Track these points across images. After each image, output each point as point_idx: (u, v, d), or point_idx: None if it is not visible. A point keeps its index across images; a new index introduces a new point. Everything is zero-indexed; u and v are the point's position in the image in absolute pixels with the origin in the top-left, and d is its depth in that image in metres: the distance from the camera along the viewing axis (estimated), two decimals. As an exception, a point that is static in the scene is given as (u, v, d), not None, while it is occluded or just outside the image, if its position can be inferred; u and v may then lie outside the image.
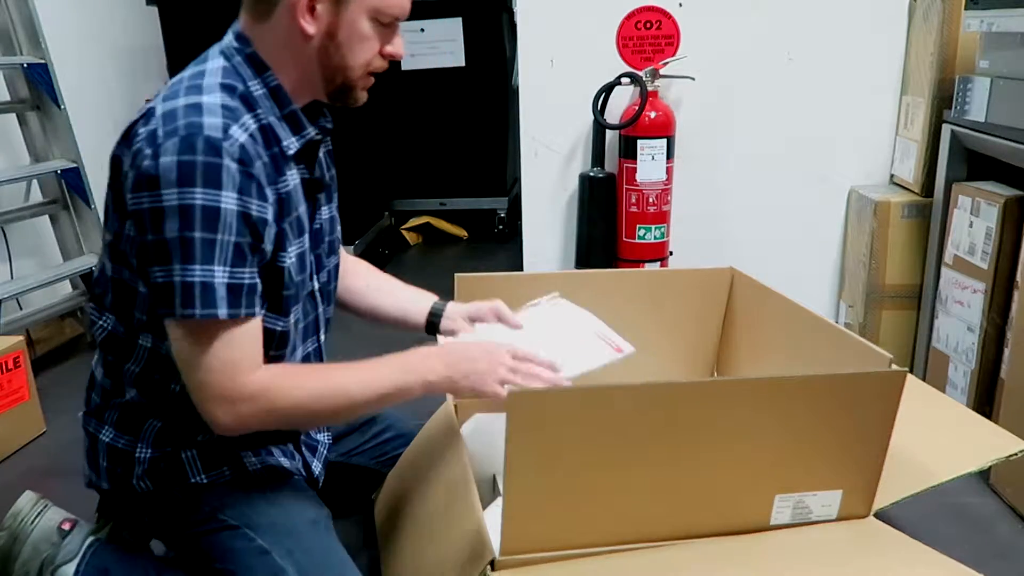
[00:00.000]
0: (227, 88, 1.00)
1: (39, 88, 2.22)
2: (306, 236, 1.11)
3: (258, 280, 0.99)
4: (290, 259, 1.05)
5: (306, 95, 1.08)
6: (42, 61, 2.19)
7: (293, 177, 1.07)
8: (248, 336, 0.98)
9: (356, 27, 1.02)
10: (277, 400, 0.99)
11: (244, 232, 0.96)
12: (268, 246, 1.00)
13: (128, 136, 0.98)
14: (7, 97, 2.27)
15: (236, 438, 1.11)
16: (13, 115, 2.28)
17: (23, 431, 1.83)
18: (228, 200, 0.93)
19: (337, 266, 1.25)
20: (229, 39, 1.05)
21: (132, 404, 1.10)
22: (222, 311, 0.94)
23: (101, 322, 1.09)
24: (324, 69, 1.04)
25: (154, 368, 1.06)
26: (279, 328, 1.07)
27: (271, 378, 1.00)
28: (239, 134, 0.95)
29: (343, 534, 1.17)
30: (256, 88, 1.03)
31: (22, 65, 2.19)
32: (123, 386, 1.10)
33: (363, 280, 1.35)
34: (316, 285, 1.16)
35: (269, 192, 0.99)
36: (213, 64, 1.03)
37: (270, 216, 0.99)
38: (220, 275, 0.94)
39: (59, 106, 2.24)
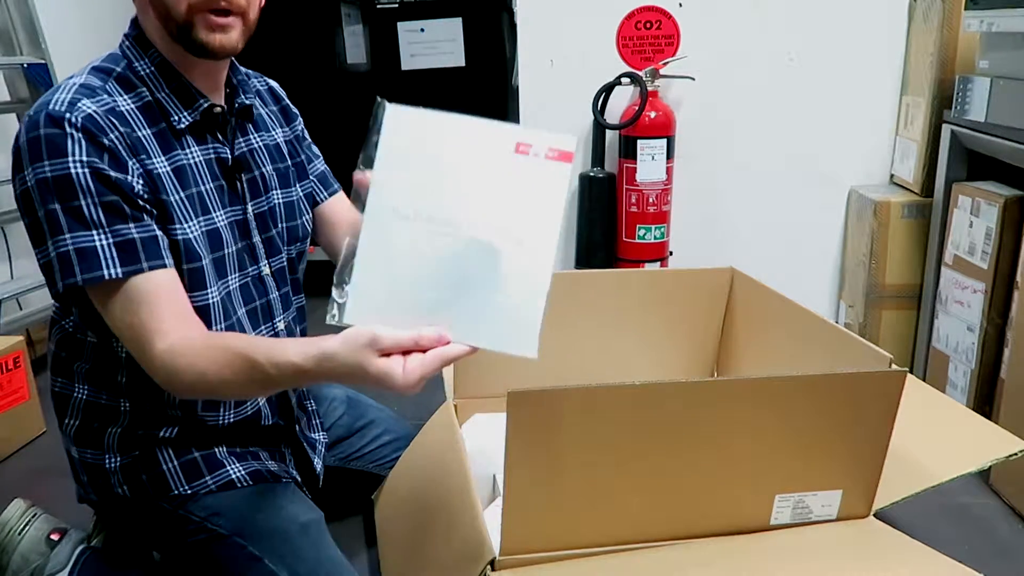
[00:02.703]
0: (100, 70, 1.01)
1: (39, 88, 2.22)
2: (221, 214, 1.08)
3: (156, 231, 0.97)
4: (191, 232, 1.02)
5: (191, 62, 1.03)
6: (42, 61, 2.19)
7: (193, 154, 1.05)
8: (152, 294, 0.94)
9: None
10: (184, 374, 0.92)
11: (108, 192, 0.93)
12: (147, 199, 0.97)
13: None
14: (7, 97, 2.27)
15: (220, 445, 1.11)
16: (13, 115, 2.27)
17: (23, 431, 1.83)
18: (76, 165, 0.92)
19: (302, 253, 1.24)
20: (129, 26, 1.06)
21: (86, 411, 1.09)
22: (112, 271, 0.93)
23: (63, 322, 1.09)
24: (160, 19, 1.00)
25: (101, 362, 1.06)
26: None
27: (179, 350, 0.92)
28: (87, 106, 0.94)
29: (343, 534, 1.17)
30: (143, 67, 1.02)
31: (22, 65, 2.19)
32: (73, 384, 1.10)
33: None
34: (267, 269, 1.15)
35: (133, 164, 0.96)
36: (108, 52, 1.04)
37: (136, 184, 0.95)
38: (101, 238, 0.93)
39: (59, 106, 2.23)
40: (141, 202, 0.96)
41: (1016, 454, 1.09)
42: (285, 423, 1.20)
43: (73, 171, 0.92)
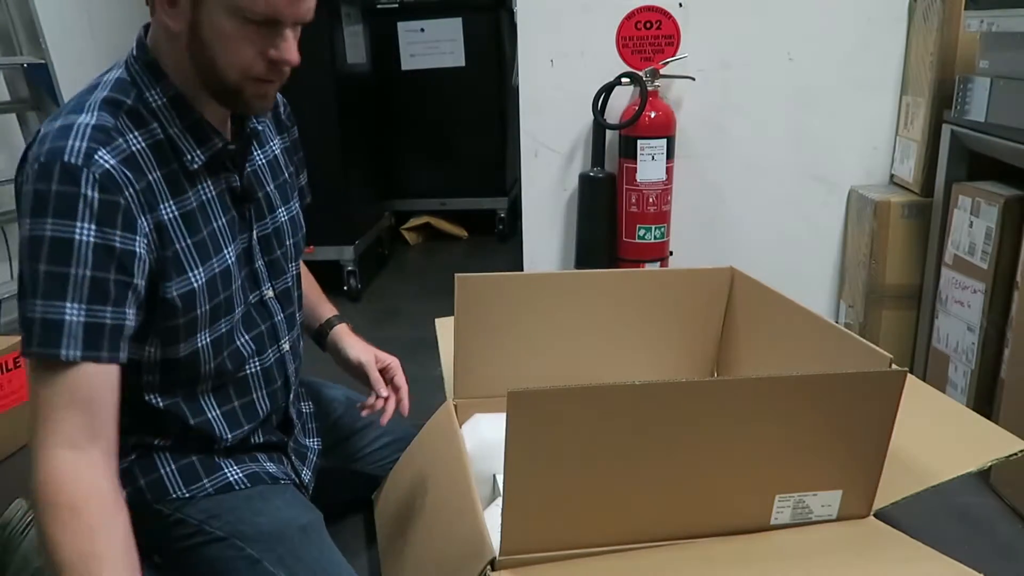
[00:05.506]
0: (111, 104, 0.94)
1: (39, 88, 2.22)
2: (231, 249, 1.06)
3: (127, 322, 0.91)
4: (196, 282, 0.99)
5: (207, 98, 1.00)
6: (42, 61, 2.19)
7: (204, 191, 1.02)
8: (94, 392, 0.88)
9: (217, 25, 0.90)
10: (44, 498, 0.86)
11: (105, 266, 0.88)
12: (140, 280, 0.92)
13: (21, 161, 0.94)
14: (7, 97, 2.27)
15: (214, 445, 1.11)
16: (13, 115, 2.27)
17: (23, 431, 1.83)
18: (83, 231, 0.87)
19: (299, 272, 1.23)
20: (133, 44, 0.99)
21: None
22: (71, 351, 0.86)
23: None
24: (198, 70, 0.95)
25: None
26: (178, 356, 1.03)
27: (67, 476, 0.86)
28: (105, 159, 0.89)
29: (343, 534, 1.17)
30: (155, 98, 0.96)
31: (22, 65, 2.19)
32: None
33: None
34: (270, 293, 1.14)
35: (144, 222, 0.92)
36: (111, 75, 0.97)
37: (141, 248, 0.92)
38: (73, 312, 0.86)
39: (59, 106, 2.23)
40: (135, 279, 0.91)
41: (1016, 454, 1.09)
42: (278, 440, 1.20)
43: (77, 237, 0.86)
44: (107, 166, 0.89)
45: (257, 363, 1.13)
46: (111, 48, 2.75)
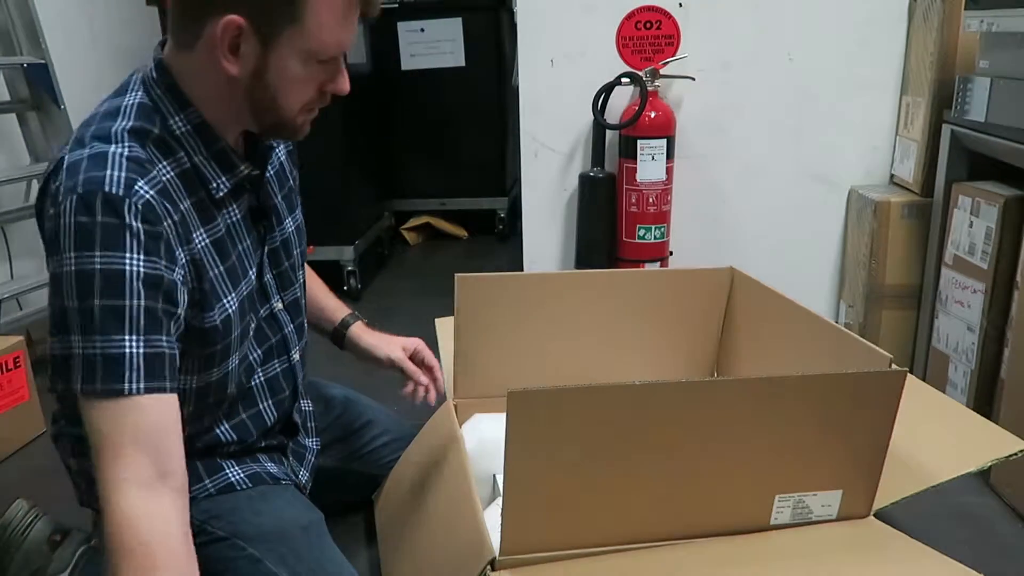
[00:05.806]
0: (138, 134, 0.92)
1: (39, 88, 2.22)
2: (253, 271, 1.06)
3: (177, 352, 0.90)
4: (230, 307, 1.00)
5: (238, 127, 1.01)
6: (42, 61, 2.19)
7: (230, 214, 1.02)
8: (154, 427, 0.85)
9: (287, 69, 0.92)
10: (111, 556, 0.82)
11: (155, 296, 0.87)
12: (182, 311, 0.92)
13: (43, 191, 0.92)
14: (7, 97, 2.27)
15: (218, 450, 1.11)
16: (13, 115, 2.27)
17: (23, 431, 1.83)
18: (132, 262, 0.85)
19: (304, 279, 1.23)
20: (150, 67, 0.96)
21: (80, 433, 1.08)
22: (135, 384, 0.84)
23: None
24: (253, 107, 0.96)
25: None
26: (210, 381, 1.03)
27: (143, 518, 0.82)
28: (145, 191, 0.88)
29: (343, 534, 1.17)
30: (179, 126, 0.95)
31: (22, 65, 2.18)
32: (73, 411, 1.07)
33: None
34: (279, 304, 1.14)
35: (182, 253, 0.92)
36: (131, 99, 0.95)
37: (179, 279, 0.91)
38: (132, 344, 0.85)
39: (59, 106, 2.23)
40: (178, 309, 0.91)
41: (1016, 454, 1.09)
42: (277, 443, 1.20)
43: (128, 267, 0.85)
44: (148, 197, 0.88)
45: (261, 374, 1.14)
46: (111, 48, 2.75)
